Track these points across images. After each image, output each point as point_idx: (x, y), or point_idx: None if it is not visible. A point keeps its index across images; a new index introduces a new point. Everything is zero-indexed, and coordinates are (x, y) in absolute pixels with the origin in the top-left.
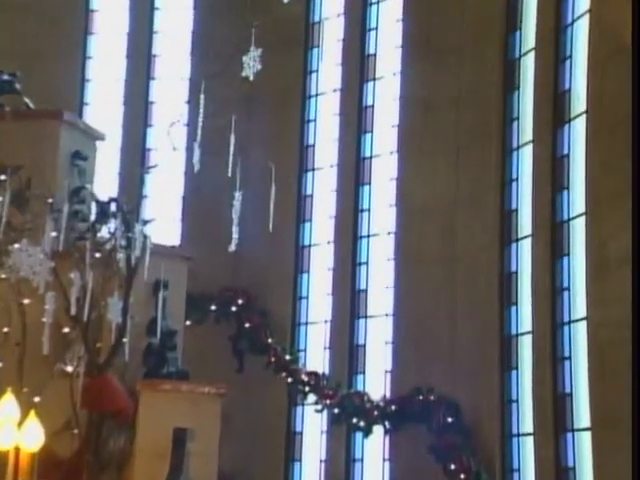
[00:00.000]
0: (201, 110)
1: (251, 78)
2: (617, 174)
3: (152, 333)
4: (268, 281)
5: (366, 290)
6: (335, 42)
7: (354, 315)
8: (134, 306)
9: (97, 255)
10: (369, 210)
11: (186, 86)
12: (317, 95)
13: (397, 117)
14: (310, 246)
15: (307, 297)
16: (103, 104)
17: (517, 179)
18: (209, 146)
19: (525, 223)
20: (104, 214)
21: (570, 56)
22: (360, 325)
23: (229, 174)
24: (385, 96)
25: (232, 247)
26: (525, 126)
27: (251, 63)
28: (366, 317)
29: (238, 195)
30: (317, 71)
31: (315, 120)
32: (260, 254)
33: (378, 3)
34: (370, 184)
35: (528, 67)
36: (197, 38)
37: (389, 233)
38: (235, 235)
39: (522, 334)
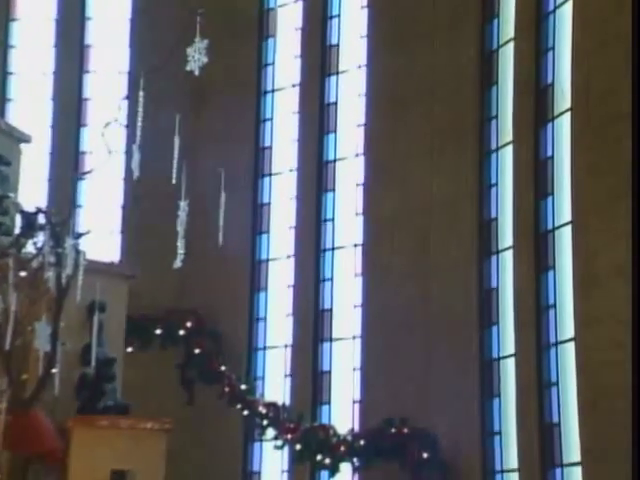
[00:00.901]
0: (140, 108)
1: (196, 72)
2: (606, 177)
3: (86, 362)
4: (220, 301)
5: (331, 310)
6: (293, 31)
7: (318, 338)
8: (65, 332)
9: (22, 274)
10: (333, 220)
11: (124, 81)
12: (273, 91)
13: (363, 115)
14: (267, 261)
15: (265, 318)
16: (29, 101)
17: (496, 184)
18: (151, 149)
19: (506, 233)
20: (30, 226)
21: (553, 47)
22: (325, 349)
23: (174, 180)
24: (349, 92)
25: (178, 263)
26: (505, 125)
27: (196, 56)
28: (331, 340)
29: (184, 205)
30: (273, 64)
31: (271, 119)
32: (210, 271)
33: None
34: (334, 191)
35: (507, 59)
36: (136, 26)
37: (356, 245)
38: (181, 250)
39: (504, 357)
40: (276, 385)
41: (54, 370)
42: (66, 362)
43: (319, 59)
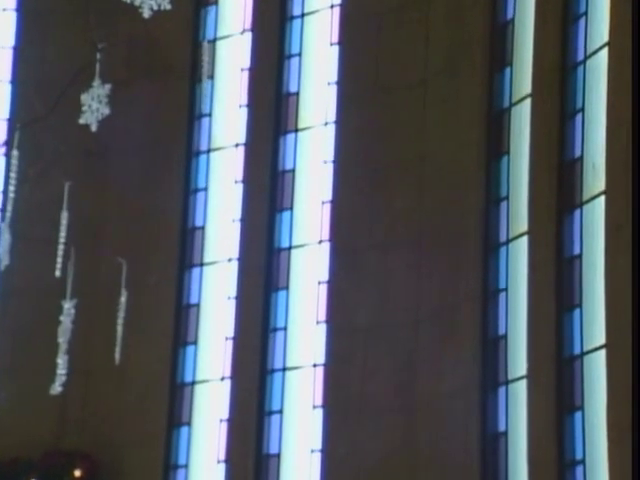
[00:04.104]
0: (13, 172)
1: (94, 128)
2: None
3: None
4: (123, 438)
5: (279, 455)
6: (238, 73)
7: None
8: None
9: None
10: (285, 329)
11: (2, 129)
12: (209, 152)
13: (329, 189)
14: (193, 384)
15: (186, 466)
16: None
17: (506, 289)
18: (28, 228)
19: (518, 355)
20: None
21: (582, 109)
22: None
23: (57, 272)
24: (312, 156)
25: (57, 388)
26: (517, 211)
27: (94, 105)
28: None
29: (69, 306)
30: (210, 116)
31: (205, 190)
32: (108, 395)
33: (302, 17)
34: (287, 289)
35: (521, 122)
36: (16, 62)
37: (315, 365)
38: (62, 370)
39: None
40: None
41: None
42: None
43: (272, 111)
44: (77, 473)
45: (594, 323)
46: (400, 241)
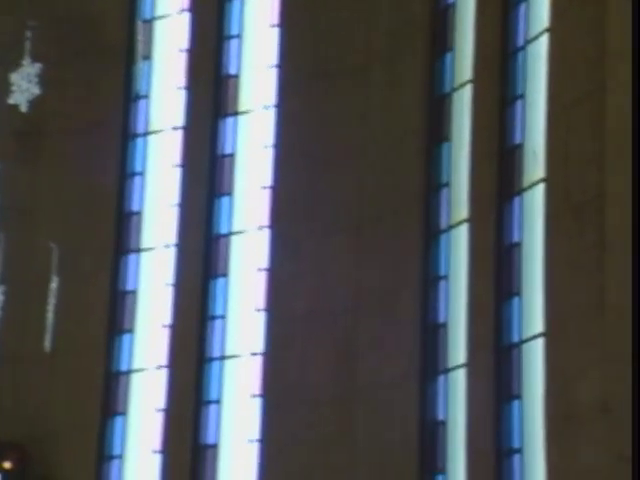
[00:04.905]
0: None
1: (24, 108)
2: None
3: None
4: (55, 428)
5: (216, 446)
6: (175, 54)
7: None
8: None
9: None
10: (224, 318)
11: None
12: (146, 135)
13: (270, 174)
14: (129, 373)
15: (120, 456)
16: None
17: (446, 277)
18: None
19: (458, 346)
20: None
21: (523, 95)
22: None
23: None
24: (252, 141)
25: None
26: (458, 197)
27: (24, 84)
28: None
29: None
30: (147, 98)
31: (142, 174)
32: (39, 384)
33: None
34: (227, 276)
35: (462, 107)
36: None
37: (254, 354)
38: None
39: None
40: None
41: None
42: None
43: (211, 94)
44: (7, 465)
45: (532, 311)
46: (340, 228)
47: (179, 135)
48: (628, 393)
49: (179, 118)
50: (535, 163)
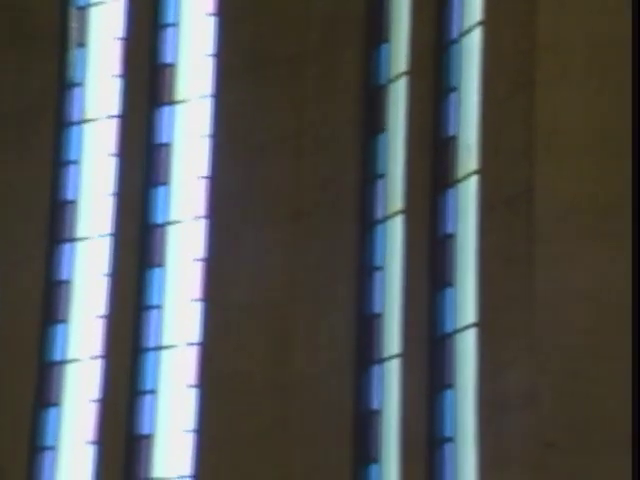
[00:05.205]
0: None
1: None
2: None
3: None
4: None
5: (151, 435)
6: (110, 41)
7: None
8: None
9: None
10: (161, 308)
11: None
12: (81, 123)
13: (207, 163)
14: (63, 363)
15: (54, 447)
16: None
17: (382, 268)
18: None
19: (392, 337)
20: None
21: (458, 88)
22: None
23: None
24: (188, 130)
25: None
26: (394, 188)
27: None
28: None
29: None
30: (82, 86)
31: (78, 163)
32: None
33: None
34: (163, 266)
35: (398, 99)
36: None
37: (191, 344)
38: None
39: None
40: None
41: None
42: None
43: (147, 82)
44: None
45: (465, 302)
46: (277, 218)
47: (114, 124)
48: (555, 382)
49: (114, 106)
50: (469, 155)
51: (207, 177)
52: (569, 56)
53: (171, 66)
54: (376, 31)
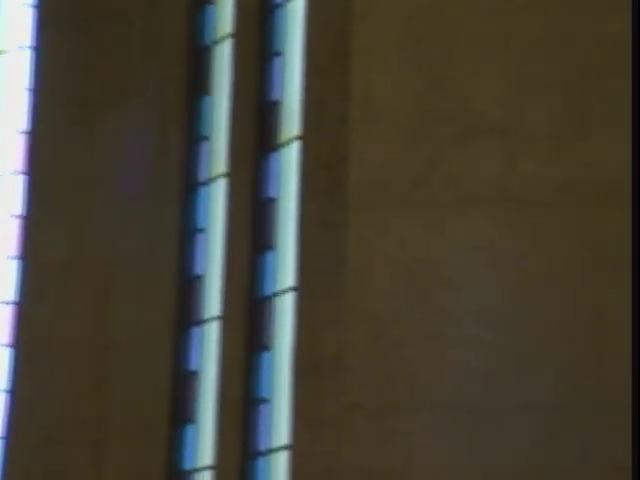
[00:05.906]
0: None
1: None
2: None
3: None
4: None
5: None
6: None
7: None
8: None
9: None
10: None
11: None
12: None
13: (26, 118)
14: None
15: None
16: None
17: (204, 229)
18: None
19: (212, 298)
20: None
21: (283, 52)
22: None
23: None
24: (7, 82)
25: None
26: (217, 150)
27: None
28: None
29: None
30: None
31: None
32: None
33: None
34: None
35: (223, 61)
36: None
37: (7, 303)
38: None
39: (200, 469)
40: None
41: None
42: None
43: None
44: None
45: (285, 266)
46: (101, 178)
47: None
48: (364, 345)
49: None
50: (291, 121)
51: (27, 132)
52: (384, 26)
53: None
54: None
